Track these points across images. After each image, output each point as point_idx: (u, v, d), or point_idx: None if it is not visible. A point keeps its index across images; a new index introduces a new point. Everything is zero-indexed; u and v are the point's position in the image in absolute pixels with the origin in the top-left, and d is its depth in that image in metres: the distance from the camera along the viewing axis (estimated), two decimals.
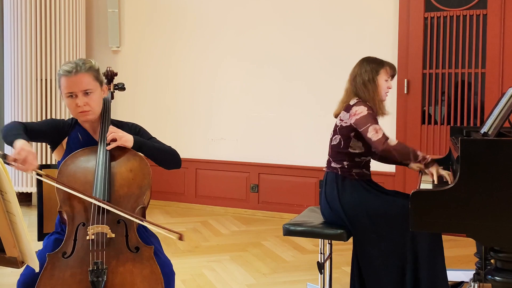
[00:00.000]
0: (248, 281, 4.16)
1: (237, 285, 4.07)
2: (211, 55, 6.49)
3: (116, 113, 6.37)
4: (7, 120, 6.36)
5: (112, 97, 2.87)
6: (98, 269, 2.26)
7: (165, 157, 2.74)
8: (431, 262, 3.23)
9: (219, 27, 6.43)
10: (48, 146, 2.77)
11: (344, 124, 3.43)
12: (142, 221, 2.45)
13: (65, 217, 2.45)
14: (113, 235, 2.37)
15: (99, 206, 2.40)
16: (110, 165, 2.53)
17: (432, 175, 3.23)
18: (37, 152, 6.24)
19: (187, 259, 4.61)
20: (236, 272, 4.35)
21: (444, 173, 3.20)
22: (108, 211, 2.39)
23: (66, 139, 2.68)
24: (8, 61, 6.28)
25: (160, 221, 5.83)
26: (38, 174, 2.34)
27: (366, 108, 3.34)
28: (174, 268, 2.55)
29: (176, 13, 6.64)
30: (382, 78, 3.46)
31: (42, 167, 2.95)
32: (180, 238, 2.35)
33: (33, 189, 6.26)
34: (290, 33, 6.08)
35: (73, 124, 2.72)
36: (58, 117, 6.27)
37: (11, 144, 2.35)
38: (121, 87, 2.93)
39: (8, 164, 2.26)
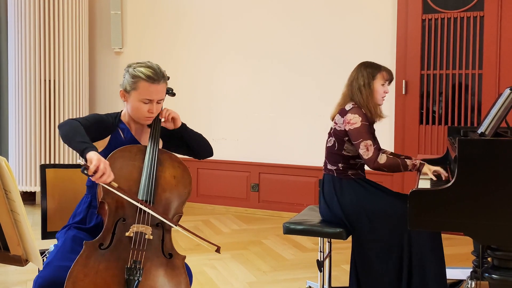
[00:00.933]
0: (248, 279, 4.16)
1: (238, 283, 4.07)
2: (212, 56, 6.49)
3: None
4: (11, 120, 6.35)
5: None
6: (135, 268, 2.25)
7: (202, 143, 2.80)
8: (429, 262, 3.23)
9: (219, 28, 6.43)
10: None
11: (338, 128, 3.45)
12: (183, 228, 2.43)
13: (107, 209, 2.41)
14: (152, 237, 2.36)
15: (140, 207, 2.39)
16: (157, 168, 2.52)
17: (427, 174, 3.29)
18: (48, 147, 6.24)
19: (188, 257, 4.57)
20: (237, 270, 4.35)
21: (437, 169, 3.27)
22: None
23: (108, 138, 2.64)
24: (13, 62, 6.28)
25: None
26: (110, 186, 2.31)
27: (360, 119, 3.35)
28: None
29: (177, 14, 6.64)
30: (379, 82, 3.46)
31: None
32: (217, 250, 2.43)
33: (37, 188, 6.27)
34: (290, 34, 6.08)
35: (118, 120, 2.68)
36: (61, 117, 6.27)
37: (81, 152, 2.30)
38: (171, 93, 2.87)
39: (86, 174, 2.25)
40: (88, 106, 6.74)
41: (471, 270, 3.78)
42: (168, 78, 2.71)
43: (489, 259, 3.30)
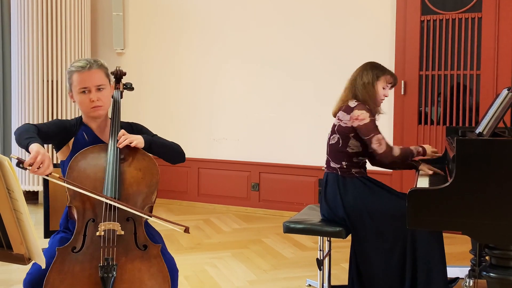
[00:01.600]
0: (249, 277, 4.16)
1: (238, 281, 4.07)
2: (213, 57, 6.49)
3: (121, 114, 6.35)
4: (14, 121, 6.36)
5: (121, 96, 2.85)
6: (108, 265, 2.25)
7: (171, 153, 2.76)
8: (434, 261, 3.23)
9: (221, 29, 6.43)
10: (51, 146, 2.74)
11: (343, 125, 3.44)
12: (150, 216, 2.44)
13: (75, 212, 2.43)
14: (123, 232, 2.37)
15: (109, 203, 2.40)
16: (120, 164, 2.52)
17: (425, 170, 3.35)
18: None
19: (189, 256, 4.61)
20: (237, 268, 4.35)
21: (435, 150, 3.44)
22: (118, 208, 2.39)
23: (72, 141, 2.66)
24: (16, 62, 6.28)
25: None
26: (51, 177, 2.31)
27: (368, 114, 3.36)
28: (177, 265, 2.55)
29: (179, 15, 6.64)
30: (381, 84, 3.47)
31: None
32: (186, 230, 2.37)
33: (39, 188, 6.27)
34: (291, 35, 6.08)
35: (79, 124, 2.69)
36: (64, 117, 6.28)
37: (25, 147, 2.31)
38: (129, 87, 2.92)
39: (24, 168, 2.24)
40: None
41: (469, 268, 3.79)
42: (125, 73, 2.77)
43: (487, 257, 3.30)
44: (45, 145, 2.44)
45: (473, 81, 5.29)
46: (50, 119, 6.23)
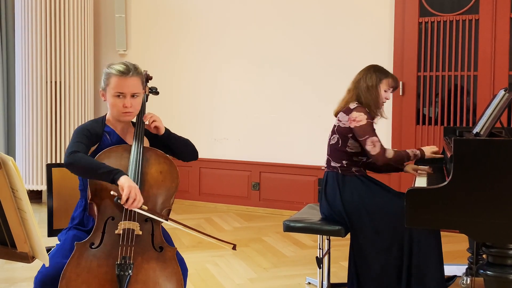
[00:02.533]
0: (249, 275, 4.16)
1: (239, 279, 4.07)
2: (214, 58, 6.49)
3: None
4: (18, 121, 6.34)
5: (147, 100, 2.83)
6: (125, 264, 2.25)
7: (186, 147, 2.79)
8: (429, 260, 3.23)
9: (221, 30, 6.43)
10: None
11: (342, 125, 3.45)
12: (173, 221, 2.44)
13: (95, 209, 2.43)
14: (141, 233, 2.37)
15: None
16: (143, 165, 2.52)
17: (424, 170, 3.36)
18: (44, 149, 6.24)
19: (191, 254, 4.61)
20: (238, 266, 4.35)
21: (436, 150, 3.43)
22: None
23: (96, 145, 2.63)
24: (20, 64, 6.28)
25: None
26: (141, 209, 2.33)
27: (366, 117, 3.37)
28: None
29: (180, 17, 6.64)
30: (383, 88, 3.50)
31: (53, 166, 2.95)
32: (234, 248, 2.47)
33: (43, 187, 6.27)
34: (291, 37, 6.08)
35: (102, 127, 2.66)
36: (67, 118, 6.27)
37: (111, 180, 2.32)
38: (155, 91, 2.89)
39: (120, 203, 2.28)
40: (93, 106, 6.75)
41: (467, 266, 3.78)
42: (151, 78, 2.73)
43: (484, 256, 3.30)
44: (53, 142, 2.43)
45: (470, 82, 5.28)
46: (53, 120, 6.23)
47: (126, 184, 2.27)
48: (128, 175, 2.39)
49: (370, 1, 5.70)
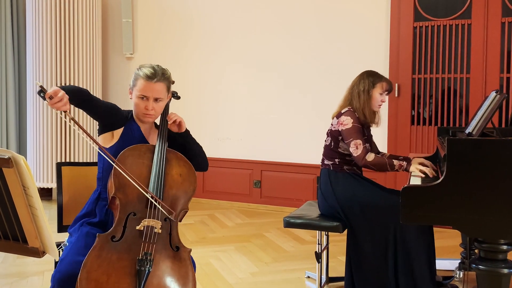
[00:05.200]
0: (251, 269, 4.16)
1: (241, 273, 4.07)
2: (217, 62, 6.49)
3: None
4: (30, 122, 6.36)
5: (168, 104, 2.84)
6: (146, 259, 2.24)
7: (200, 154, 2.81)
8: (414, 249, 3.24)
9: (224, 35, 6.43)
10: (96, 127, 2.72)
11: (333, 129, 3.53)
12: (176, 219, 2.46)
13: (118, 203, 2.41)
14: (160, 231, 2.36)
15: (151, 200, 2.40)
16: (166, 166, 2.52)
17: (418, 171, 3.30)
18: (60, 151, 6.24)
19: (195, 249, 4.58)
20: (240, 261, 4.35)
21: (423, 169, 3.24)
22: (159, 208, 2.38)
23: (120, 130, 2.63)
24: (31, 67, 6.29)
25: None
26: (67, 117, 2.30)
27: (352, 121, 3.40)
28: None
29: (185, 22, 6.64)
30: (377, 91, 3.50)
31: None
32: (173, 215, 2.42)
33: (53, 185, 6.27)
34: (290, 42, 6.07)
35: (130, 117, 2.68)
36: (76, 118, 6.27)
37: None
38: (176, 96, 2.89)
39: (44, 98, 2.28)
40: None
41: (459, 261, 3.78)
42: (173, 82, 2.71)
43: (476, 251, 3.30)
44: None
45: (463, 84, 5.28)
46: (63, 120, 6.23)
47: (57, 88, 2.29)
48: (153, 174, 2.44)
49: (367, 7, 5.69)
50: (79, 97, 2.45)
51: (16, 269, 4.10)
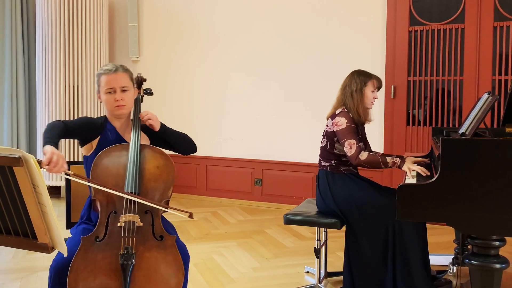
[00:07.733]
0: (252, 264, 4.16)
1: (243, 268, 4.07)
2: (221, 66, 6.49)
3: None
4: (39, 122, 6.37)
5: (142, 100, 2.86)
6: (128, 254, 2.26)
7: (183, 141, 2.82)
8: (411, 246, 3.23)
9: (228, 40, 6.43)
10: (77, 142, 2.75)
11: (328, 130, 3.49)
12: (166, 209, 2.47)
13: (98, 205, 2.44)
14: (141, 224, 2.37)
15: (128, 197, 2.40)
16: (141, 161, 2.53)
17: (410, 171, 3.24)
18: (66, 150, 6.25)
19: (198, 245, 4.61)
20: (242, 256, 4.35)
21: (416, 168, 3.19)
22: (137, 201, 2.40)
23: (98, 139, 2.66)
24: (40, 70, 6.29)
25: None
26: (67, 174, 2.31)
27: (346, 121, 3.38)
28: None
29: (190, 27, 6.64)
30: (369, 89, 3.49)
31: (70, 163, 2.96)
32: (190, 216, 2.40)
33: (62, 183, 6.27)
34: (289, 48, 6.07)
35: (104, 122, 2.70)
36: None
37: (43, 145, 2.31)
38: (149, 92, 2.94)
39: (42, 167, 2.25)
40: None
41: (453, 256, 3.78)
42: (145, 80, 2.79)
43: (469, 246, 3.30)
44: (71, 140, 2.45)
45: (456, 86, 5.28)
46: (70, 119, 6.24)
47: (49, 151, 2.22)
48: (128, 172, 2.45)
49: (364, 13, 5.69)
50: (59, 135, 2.44)
51: (27, 264, 4.10)
